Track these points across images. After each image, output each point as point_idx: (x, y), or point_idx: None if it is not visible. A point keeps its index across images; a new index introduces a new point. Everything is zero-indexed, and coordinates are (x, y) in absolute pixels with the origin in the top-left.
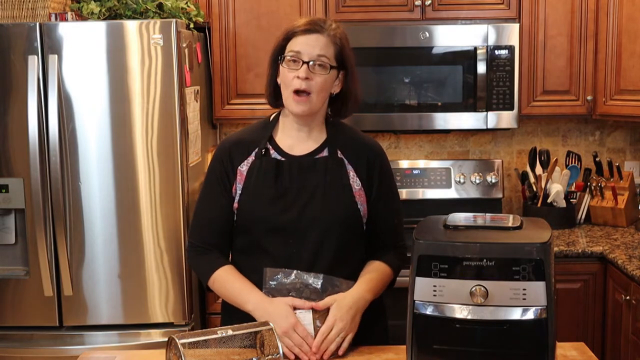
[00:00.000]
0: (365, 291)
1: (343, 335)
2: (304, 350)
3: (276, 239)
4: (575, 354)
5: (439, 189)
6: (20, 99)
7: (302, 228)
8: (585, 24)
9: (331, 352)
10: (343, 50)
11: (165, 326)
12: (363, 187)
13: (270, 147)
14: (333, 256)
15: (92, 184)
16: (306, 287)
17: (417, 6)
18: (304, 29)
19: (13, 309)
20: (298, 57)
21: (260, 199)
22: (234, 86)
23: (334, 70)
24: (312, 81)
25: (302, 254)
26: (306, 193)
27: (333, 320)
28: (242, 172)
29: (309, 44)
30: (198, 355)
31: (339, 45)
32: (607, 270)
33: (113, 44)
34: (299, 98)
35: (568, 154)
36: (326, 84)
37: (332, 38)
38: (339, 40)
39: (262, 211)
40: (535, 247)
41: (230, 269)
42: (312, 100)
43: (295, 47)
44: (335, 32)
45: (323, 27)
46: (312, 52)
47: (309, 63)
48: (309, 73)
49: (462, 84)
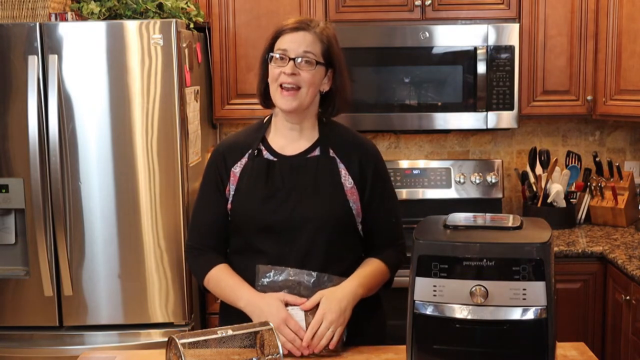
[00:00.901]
0: (356, 285)
1: (333, 328)
2: (297, 345)
3: (268, 238)
4: (575, 354)
5: (439, 189)
6: (20, 99)
7: (293, 227)
8: (585, 24)
9: (322, 346)
10: (330, 48)
11: (165, 326)
12: (356, 185)
13: (263, 147)
14: (325, 255)
15: (92, 184)
16: (299, 284)
17: (417, 6)
18: (292, 27)
19: (13, 309)
20: (285, 54)
21: (252, 199)
22: (234, 86)
23: (321, 67)
24: (299, 76)
25: (295, 253)
26: (297, 192)
27: (322, 314)
28: (235, 174)
29: (295, 41)
30: (198, 355)
31: (325, 43)
32: (607, 270)
33: (113, 44)
34: (287, 92)
35: (568, 154)
36: (314, 79)
37: (319, 35)
38: (326, 38)
39: (253, 211)
40: (535, 247)
41: (224, 267)
42: (301, 95)
43: (283, 45)
44: (323, 30)
45: (310, 25)
46: (298, 49)
47: (295, 60)
48: (295, 69)
49: (462, 84)
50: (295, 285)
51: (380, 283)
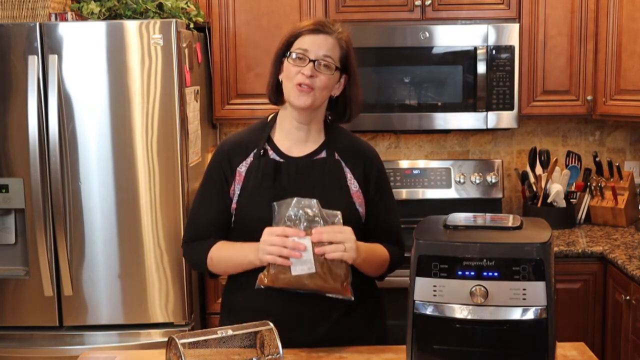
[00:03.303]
0: (364, 245)
1: (345, 245)
2: (289, 245)
3: None
4: (575, 354)
5: (439, 189)
6: (20, 99)
7: None
8: (585, 24)
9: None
10: (348, 54)
11: (165, 326)
12: (361, 189)
13: (269, 147)
14: None
15: (92, 184)
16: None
17: (417, 6)
18: (312, 29)
19: (13, 309)
20: (305, 54)
21: (259, 200)
22: (234, 86)
23: (338, 72)
24: (316, 78)
25: None
26: (304, 194)
27: (345, 228)
28: (240, 173)
29: (316, 44)
30: (198, 355)
31: (344, 49)
32: (607, 270)
33: (113, 44)
34: (302, 89)
35: (568, 154)
36: (329, 83)
37: (339, 41)
38: (345, 43)
39: (260, 212)
40: (535, 247)
41: (223, 242)
42: (315, 95)
43: (303, 45)
44: (342, 35)
45: (331, 29)
46: (319, 51)
47: (315, 62)
48: (314, 71)
49: (462, 84)
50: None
51: (379, 266)
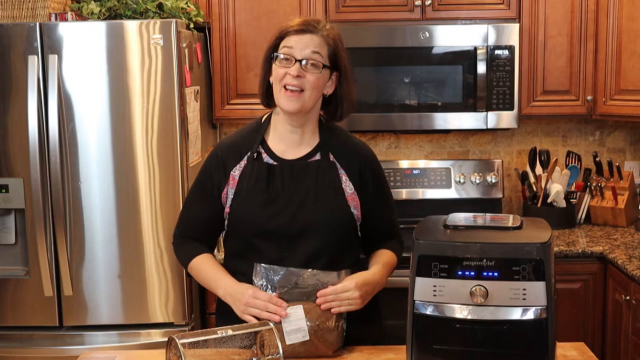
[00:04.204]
0: (381, 276)
1: (349, 303)
2: (271, 310)
3: (268, 243)
4: (575, 354)
5: (439, 189)
6: (20, 99)
7: (294, 232)
8: (585, 24)
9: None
10: (337, 50)
11: (165, 326)
12: (356, 191)
13: (263, 150)
14: (326, 260)
15: (92, 184)
16: (296, 286)
17: (417, 6)
18: (298, 29)
19: (13, 309)
20: (291, 55)
21: (252, 204)
22: (234, 86)
23: (327, 70)
24: (304, 79)
25: (295, 258)
26: (298, 197)
27: (351, 284)
28: (234, 177)
29: (302, 42)
30: (198, 355)
31: (332, 46)
32: (607, 270)
33: (113, 44)
34: (291, 94)
35: (568, 154)
36: (319, 83)
37: (326, 38)
38: (332, 40)
39: (254, 215)
40: (535, 247)
41: (208, 257)
42: (304, 97)
43: (289, 45)
44: (329, 32)
45: (317, 27)
46: (305, 50)
47: (302, 62)
48: (301, 71)
49: (462, 84)
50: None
51: (391, 272)
